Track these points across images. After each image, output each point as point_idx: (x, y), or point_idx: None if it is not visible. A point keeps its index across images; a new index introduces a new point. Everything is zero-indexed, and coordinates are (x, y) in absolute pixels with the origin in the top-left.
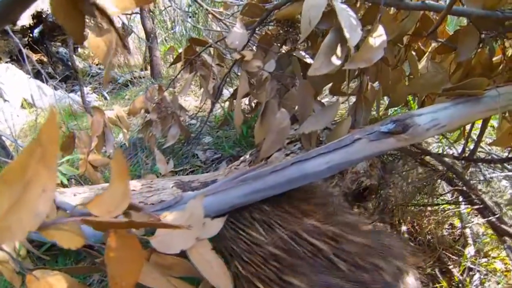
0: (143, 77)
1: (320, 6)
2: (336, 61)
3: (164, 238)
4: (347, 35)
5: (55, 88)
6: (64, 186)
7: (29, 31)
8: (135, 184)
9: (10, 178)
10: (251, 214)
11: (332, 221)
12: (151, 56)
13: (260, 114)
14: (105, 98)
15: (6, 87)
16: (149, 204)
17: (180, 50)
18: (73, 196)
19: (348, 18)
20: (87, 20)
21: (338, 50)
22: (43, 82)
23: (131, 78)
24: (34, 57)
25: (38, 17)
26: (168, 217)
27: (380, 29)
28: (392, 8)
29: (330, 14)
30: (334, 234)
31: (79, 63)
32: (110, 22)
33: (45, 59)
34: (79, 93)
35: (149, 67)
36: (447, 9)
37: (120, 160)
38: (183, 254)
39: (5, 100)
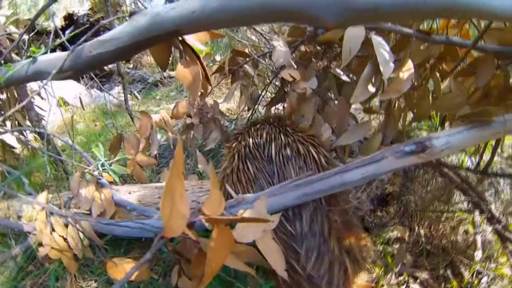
0: (173, 77)
1: (359, 38)
2: (371, 89)
3: (242, 230)
4: (381, 68)
5: (90, 87)
6: (116, 184)
7: (61, 32)
8: (186, 185)
9: (168, 188)
10: None
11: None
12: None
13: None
14: (137, 98)
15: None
16: (202, 202)
17: (218, 58)
18: (128, 194)
19: (383, 53)
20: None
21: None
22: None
23: (161, 78)
24: None
25: (70, 18)
26: (244, 214)
27: (409, 64)
28: None
29: (366, 43)
30: None
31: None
32: (196, 55)
33: None
34: (111, 92)
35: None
36: (471, 46)
37: (214, 175)
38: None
39: (42, 98)
